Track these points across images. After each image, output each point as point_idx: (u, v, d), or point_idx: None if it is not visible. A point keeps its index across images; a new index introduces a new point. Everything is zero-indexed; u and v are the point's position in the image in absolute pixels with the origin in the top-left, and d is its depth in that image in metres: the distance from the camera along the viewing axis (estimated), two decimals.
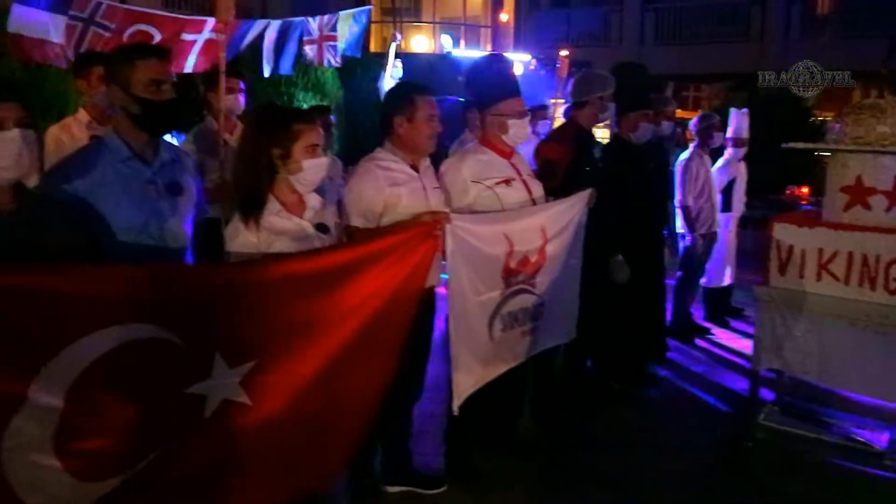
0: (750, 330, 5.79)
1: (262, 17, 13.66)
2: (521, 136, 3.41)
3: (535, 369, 3.69)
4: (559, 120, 7.16)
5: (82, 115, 3.72)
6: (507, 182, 3.31)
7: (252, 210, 2.39)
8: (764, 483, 3.49)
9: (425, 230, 2.59)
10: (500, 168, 3.33)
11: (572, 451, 3.78)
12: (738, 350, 5.47)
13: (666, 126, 5.16)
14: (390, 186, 2.90)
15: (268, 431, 2.16)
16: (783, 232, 3.49)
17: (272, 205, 2.43)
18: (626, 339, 4.42)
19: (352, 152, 5.43)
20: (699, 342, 5.65)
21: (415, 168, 3.02)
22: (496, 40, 18.84)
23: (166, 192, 2.45)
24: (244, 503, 2.25)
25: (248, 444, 2.15)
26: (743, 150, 5.92)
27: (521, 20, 18.56)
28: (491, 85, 3.36)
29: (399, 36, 8.98)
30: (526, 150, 4.03)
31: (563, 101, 8.01)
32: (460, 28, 19.50)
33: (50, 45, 4.17)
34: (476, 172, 3.26)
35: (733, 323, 6.15)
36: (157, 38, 4.64)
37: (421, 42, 18.46)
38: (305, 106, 8.97)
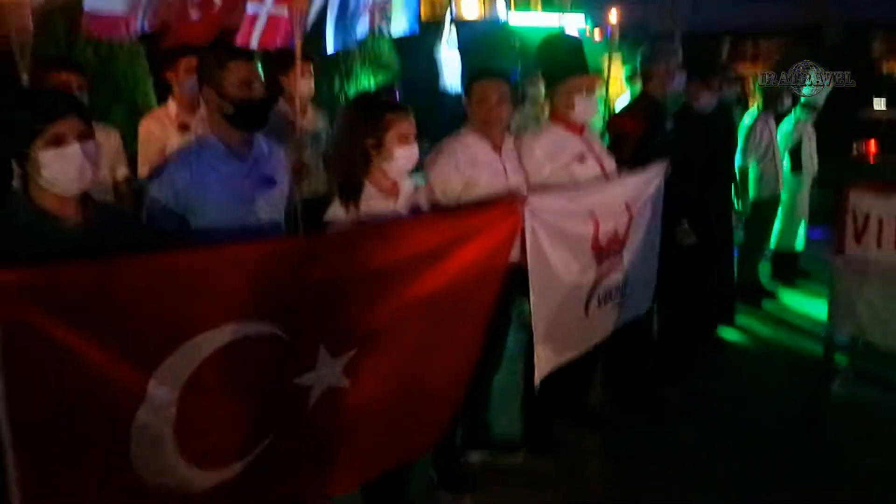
0: (819, 292, 5.79)
1: None
2: (590, 112, 3.46)
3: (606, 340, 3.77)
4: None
5: (171, 105, 3.91)
6: (581, 159, 3.35)
7: (350, 195, 2.54)
8: (837, 451, 3.52)
9: (508, 208, 2.67)
10: (573, 145, 3.37)
11: (644, 421, 3.86)
12: (807, 314, 5.44)
13: (729, 92, 5.10)
14: (470, 167, 3.01)
15: (366, 411, 2.30)
16: (859, 200, 3.47)
17: (369, 190, 2.57)
18: (694, 305, 4.45)
19: None
20: (767, 305, 5.63)
21: (497, 148, 3.11)
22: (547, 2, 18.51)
23: (261, 187, 2.59)
24: (344, 478, 2.42)
25: (348, 425, 2.29)
26: (814, 115, 5.77)
27: None
28: (560, 61, 3.41)
29: (454, 8, 8.98)
30: None
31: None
32: None
33: (115, 19, 4.25)
34: (549, 151, 3.31)
35: (801, 285, 6.07)
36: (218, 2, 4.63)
37: (471, 7, 18.26)
38: (364, 80, 9.07)
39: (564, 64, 3.40)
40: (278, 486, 2.20)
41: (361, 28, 5.71)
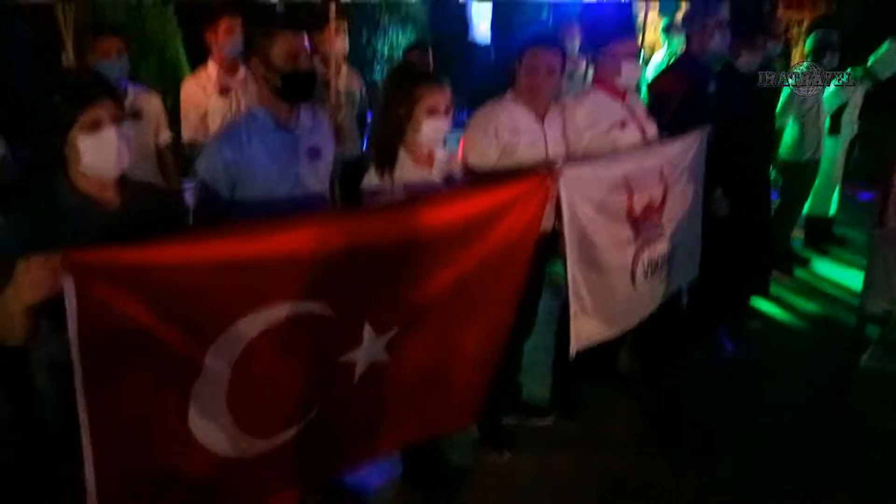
0: (852, 260, 5.75)
1: None
2: (635, 77, 3.40)
3: None
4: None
5: (211, 66, 3.92)
6: (622, 126, 3.31)
7: (385, 162, 2.61)
8: (867, 423, 3.56)
9: (539, 180, 2.64)
10: (615, 111, 3.33)
11: (672, 384, 3.92)
12: (839, 282, 5.42)
13: (774, 47, 4.94)
14: (509, 133, 3.00)
15: (408, 382, 2.38)
16: None
17: (403, 158, 2.63)
18: (726, 272, 4.42)
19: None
20: (800, 272, 5.60)
21: (540, 118, 3.09)
22: None
23: (308, 158, 2.62)
24: (385, 445, 2.52)
25: (390, 396, 2.38)
26: (868, 84, 5.56)
27: None
28: (606, 24, 3.37)
29: None
30: None
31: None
32: None
33: None
34: (590, 117, 3.27)
35: (834, 252, 6.03)
36: None
37: None
38: (392, 34, 8.92)
39: (611, 27, 3.34)
40: (324, 453, 2.30)
41: None
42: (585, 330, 3.06)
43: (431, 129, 2.58)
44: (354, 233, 2.10)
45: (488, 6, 9.32)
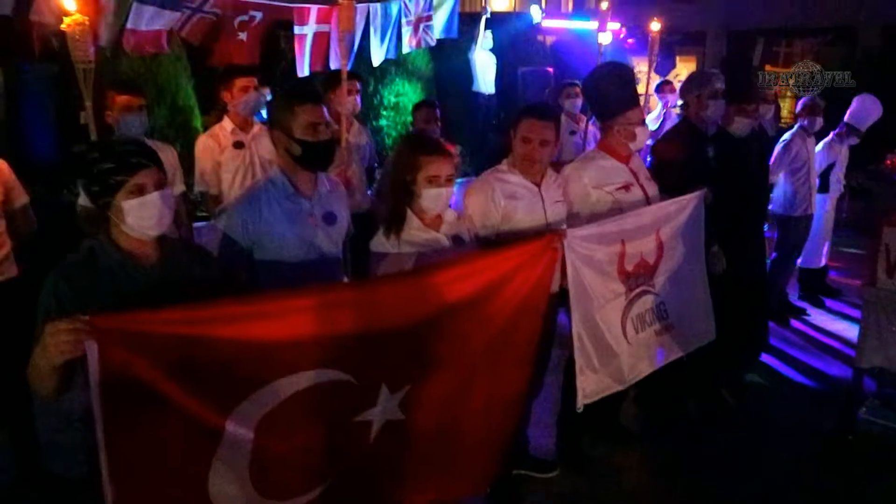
0: (846, 311, 5.89)
1: None
2: (644, 141, 3.62)
3: None
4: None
5: (227, 122, 4.08)
6: (627, 188, 3.48)
7: (394, 224, 2.70)
8: (863, 478, 3.62)
9: (545, 243, 2.73)
10: (620, 174, 3.50)
11: (675, 437, 4.00)
12: (835, 333, 5.52)
13: (764, 109, 5.14)
14: (507, 199, 3.12)
15: (422, 441, 2.43)
16: (893, 236, 3.55)
17: (411, 220, 2.72)
18: (725, 327, 4.53)
19: (446, 128, 5.54)
20: (795, 324, 5.72)
21: (536, 183, 3.21)
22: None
23: (323, 223, 2.75)
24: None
25: (406, 455, 2.42)
26: (853, 140, 5.80)
27: None
28: (616, 96, 3.49)
29: (489, 9, 9.02)
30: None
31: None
32: None
33: (154, 33, 4.40)
34: (597, 179, 3.44)
35: (829, 303, 6.16)
36: (259, 17, 4.77)
37: (501, 0, 18.24)
38: (400, 83, 9.14)
39: (620, 96, 3.49)
40: None
41: (408, 42, 5.85)
42: (591, 385, 3.13)
43: (432, 197, 2.68)
44: (370, 301, 2.18)
45: (492, 59, 9.57)
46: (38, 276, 2.60)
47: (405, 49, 5.99)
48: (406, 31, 5.92)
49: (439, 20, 6.37)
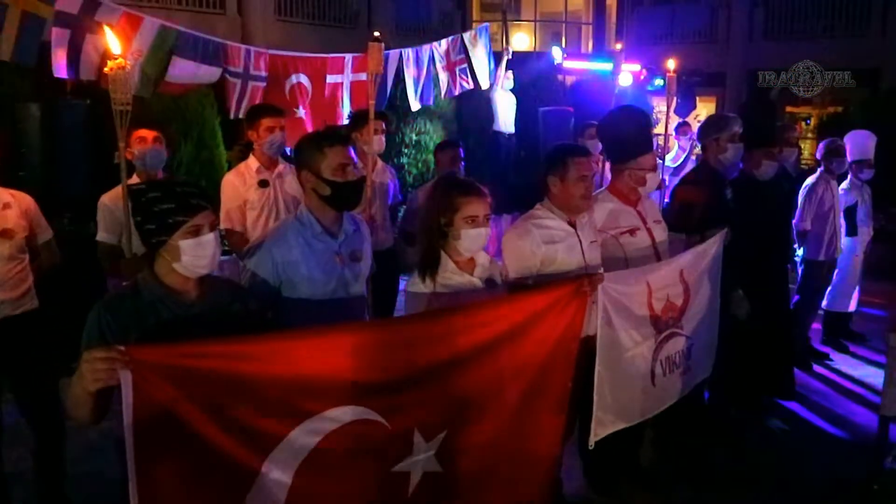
0: (871, 356, 5.79)
1: (368, 22, 14.14)
2: (654, 186, 3.64)
3: None
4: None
5: (252, 161, 4.15)
6: (632, 231, 3.50)
7: (429, 267, 2.72)
8: None
9: (576, 287, 2.72)
10: (627, 217, 3.53)
11: (695, 485, 3.92)
12: (859, 379, 5.43)
13: (788, 153, 5.15)
14: (547, 244, 3.12)
15: (462, 493, 2.41)
16: None
17: (446, 263, 2.74)
18: (748, 371, 4.49)
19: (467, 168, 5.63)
20: (818, 369, 5.63)
21: (572, 224, 3.23)
22: (598, 38, 18.66)
23: (349, 261, 2.79)
24: None
25: None
26: (867, 173, 5.78)
27: (624, 16, 18.28)
28: (630, 140, 3.53)
29: (510, 50, 9.15)
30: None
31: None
32: (561, 25, 19.45)
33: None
34: (604, 222, 3.48)
35: (853, 348, 6.06)
36: (310, 88, 5.04)
37: (522, 40, 18.55)
38: (421, 122, 9.27)
39: (633, 140, 3.52)
40: None
41: (445, 88, 5.99)
42: (603, 423, 3.11)
43: (471, 238, 2.70)
44: (402, 341, 2.20)
45: (512, 99, 9.69)
46: (60, 309, 2.66)
47: (443, 95, 6.13)
48: (443, 77, 6.05)
49: (481, 67, 6.51)
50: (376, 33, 4.00)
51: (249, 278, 2.65)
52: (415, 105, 5.95)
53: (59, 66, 4.09)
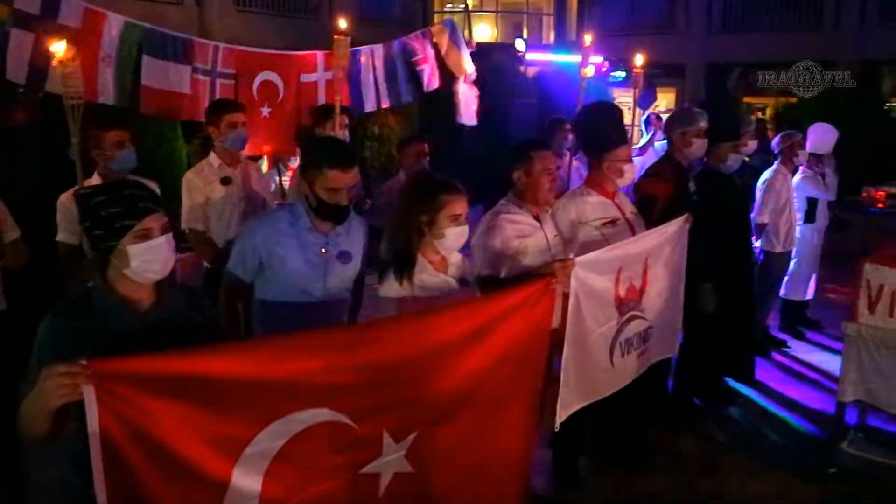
0: (827, 343, 5.95)
1: (329, 13, 13.97)
2: (632, 178, 3.73)
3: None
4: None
5: (213, 158, 4.07)
6: (613, 222, 3.57)
7: (404, 267, 2.68)
8: None
9: (544, 284, 2.70)
10: (607, 209, 3.60)
11: (660, 470, 4.02)
12: (816, 365, 5.57)
13: (750, 145, 5.25)
14: (517, 238, 3.16)
15: (435, 493, 2.41)
16: (874, 272, 3.63)
17: (421, 263, 2.71)
18: (710, 357, 4.59)
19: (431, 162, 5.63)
20: (776, 356, 5.77)
21: (537, 218, 3.26)
22: (560, 29, 18.76)
23: (336, 260, 2.79)
24: None
25: None
26: (824, 166, 5.92)
27: (585, 7, 18.40)
28: (606, 133, 3.59)
29: (474, 42, 9.11)
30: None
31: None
32: (523, 16, 19.50)
33: (178, 97, 4.50)
34: (584, 214, 3.55)
35: (810, 335, 6.23)
36: (281, 87, 4.97)
37: (484, 31, 18.55)
38: (383, 115, 9.22)
39: (610, 134, 3.58)
40: None
41: (427, 84, 5.93)
42: (567, 404, 3.13)
43: (453, 237, 2.67)
44: (367, 344, 2.18)
45: (474, 91, 9.64)
46: (28, 310, 2.58)
47: (426, 89, 6.11)
48: (416, 73, 6.01)
49: (454, 61, 6.48)
50: (343, 24, 3.90)
51: (226, 274, 2.73)
52: (386, 103, 5.91)
53: (14, 69, 3.98)
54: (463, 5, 15.36)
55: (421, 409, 2.32)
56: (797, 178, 5.92)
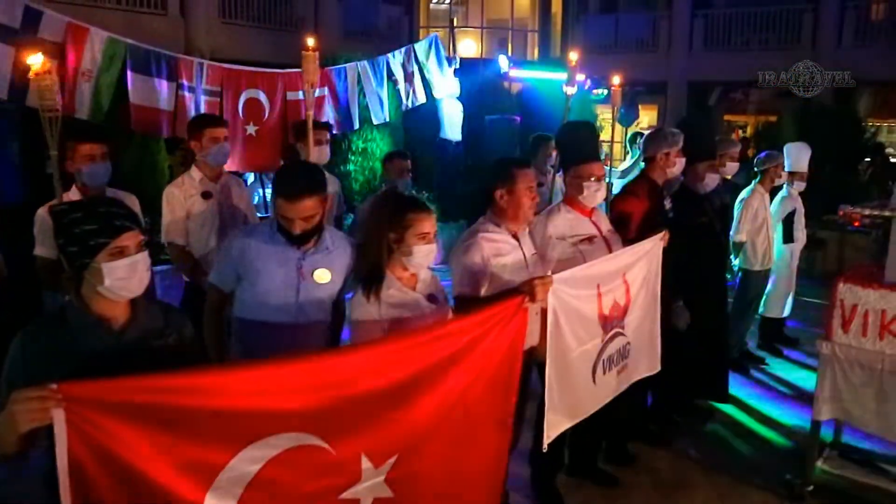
0: (804, 360, 6.02)
1: (315, 27, 14.00)
2: (597, 199, 3.68)
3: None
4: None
5: (195, 172, 4.06)
6: (590, 240, 3.59)
7: (373, 284, 2.71)
8: None
9: (516, 304, 2.71)
10: (583, 226, 3.62)
11: (637, 487, 4.04)
12: (793, 383, 5.64)
13: (730, 167, 5.30)
14: (495, 257, 3.17)
15: None
16: (848, 292, 3.68)
17: (390, 280, 2.74)
18: (687, 377, 4.63)
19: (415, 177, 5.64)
20: (754, 372, 5.83)
21: (515, 237, 3.28)
22: (544, 45, 18.93)
23: (311, 278, 2.79)
24: None
25: None
26: (802, 184, 6.01)
27: (569, 24, 18.60)
28: (574, 148, 3.66)
29: (458, 57, 9.19)
30: None
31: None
32: (507, 32, 19.64)
33: (163, 115, 4.51)
34: (560, 231, 3.57)
35: (787, 352, 6.29)
36: (267, 104, 5.00)
37: (468, 46, 18.67)
38: (367, 129, 9.24)
39: (577, 150, 3.63)
40: None
41: (405, 100, 5.99)
42: (554, 424, 3.13)
43: (421, 255, 2.71)
44: (345, 367, 2.17)
45: (459, 106, 9.73)
46: (5, 323, 2.55)
47: (403, 107, 6.16)
48: (402, 89, 6.07)
49: (436, 78, 6.52)
50: (310, 41, 3.91)
51: (209, 285, 2.81)
52: (376, 119, 5.96)
53: None
54: (448, 21, 15.45)
55: (399, 432, 2.30)
56: (777, 198, 6.00)
